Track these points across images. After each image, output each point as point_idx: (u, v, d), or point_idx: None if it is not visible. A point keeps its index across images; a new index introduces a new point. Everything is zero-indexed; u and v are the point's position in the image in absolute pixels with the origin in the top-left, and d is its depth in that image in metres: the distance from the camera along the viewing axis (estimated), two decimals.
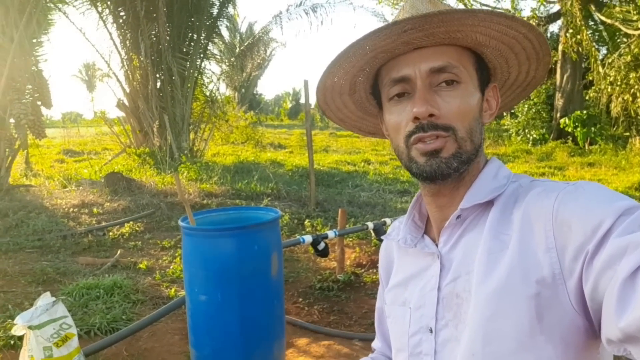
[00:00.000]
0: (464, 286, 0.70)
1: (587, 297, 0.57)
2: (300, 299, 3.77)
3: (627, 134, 14.79)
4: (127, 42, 10.70)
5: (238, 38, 26.06)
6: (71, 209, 6.47)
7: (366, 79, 0.81)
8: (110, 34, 10.66)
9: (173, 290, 3.84)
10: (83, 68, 56.88)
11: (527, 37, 0.72)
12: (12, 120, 7.73)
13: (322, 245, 3.53)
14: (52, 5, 9.25)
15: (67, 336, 2.22)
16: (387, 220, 3.92)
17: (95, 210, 6.42)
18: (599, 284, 0.54)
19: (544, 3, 15.63)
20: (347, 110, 0.88)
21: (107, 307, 3.41)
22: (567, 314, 0.60)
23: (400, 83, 0.73)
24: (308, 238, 3.47)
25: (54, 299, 2.25)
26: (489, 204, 0.72)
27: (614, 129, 15.15)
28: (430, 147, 0.70)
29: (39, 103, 7.84)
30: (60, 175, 8.83)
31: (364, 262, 4.53)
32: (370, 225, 3.77)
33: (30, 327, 2.09)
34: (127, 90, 10.95)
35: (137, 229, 5.70)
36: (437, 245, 0.78)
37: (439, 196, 0.78)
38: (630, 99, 13.16)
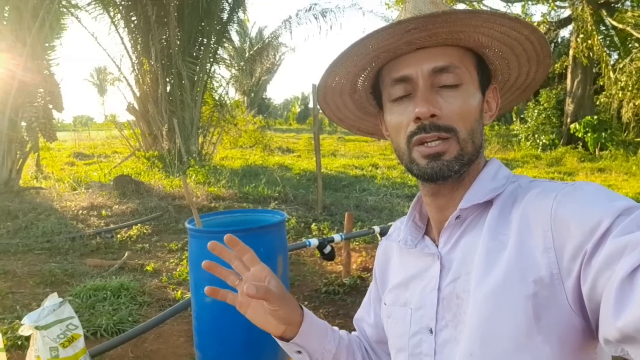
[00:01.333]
0: (464, 287, 0.70)
1: (585, 297, 0.57)
2: (306, 303, 3.77)
3: (638, 139, 14.64)
4: (138, 46, 10.81)
5: (248, 43, 26.22)
6: (80, 211, 6.53)
7: (367, 79, 0.81)
8: (121, 38, 10.79)
9: (179, 292, 3.85)
10: (94, 72, 57.61)
11: (529, 39, 0.72)
12: (23, 123, 7.84)
13: (328, 249, 3.53)
14: (65, 10, 9.39)
15: (74, 337, 2.24)
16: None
17: (103, 212, 6.47)
18: (597, 284, 0.54)
19: (555, 8, 15.56)
20: (346, 109, 0.89)
21: (114, 309, 3.43)
22: (564, 314, 0.60)
23: (402, 83, 0.72)
24: (314, 241, 3.47)
25: (61, 299, 2.27)
26: (488, 204, 0.72)
27: (625, 134, 15.02)
28: (432, 150, 0.70)
29: (51, 106, 7.93)
30: (70, 178, 8.92)
31: (370, 266, 4.51)
32: (377, 229, 3.77)
33: (37, 328, 2.10)
34: (137, 94, 11.05)
35: (145, 231, 5.74)
36: (437, 246, 0.78)
37: (438, 197, 0.78)
38: None
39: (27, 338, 2.34)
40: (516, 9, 16.66)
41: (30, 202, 7.04)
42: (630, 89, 13.10)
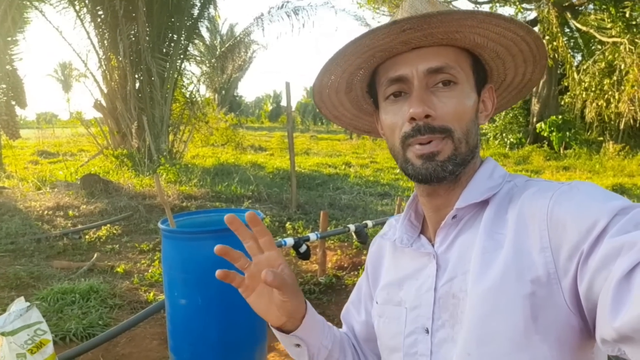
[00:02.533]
0: (460, 286, 0.70)
1: (582, 297, 0.57)
2: None
3: (601, 138, 15.19)
4: (105, 41, 10.52)
5: (219, 39, 25.92)
6: (46, 212, 6.31)
7: (363, 78, 0.80)
8: (87, 33, 10.46)
9: (152, 294, 3.77)
10: (59, 67, 55.81)
11: (525, 40, 0.72)
12: None
13: (303, 248, 3.52)
14: (28, 3, 9.05)
15: (42, 342, 2.16)
16: (369, 222, 3.93)
17: (70, 212, 6.27)
18: (594, 283, 0.54)
19: (522, 10, 15.93)
20: (342, 108, 0.88)
21: (83, 312, 3.33)
22: (562, 313, 0.60)
23: (397, 83, 0.72)
24: (290, 241, 3.45)
25: (28, 304, 2.18)
26: (485, 203, 0.72)
27: (588, 133, 15.55)
28: (426, 150, 0.70)
29: (13, 103, 7.66)
30: (34, 177, 8.62)
31: (345, 265, 4.53)
32: (352, 227, 3.77)
33: (3, 334, 2.02)
34: (105, 91, 10.75)
35: (115, 231, 5.59)
36: (433, 245, 0.77)
37: (434, 197, 0.78)
38: (604, 104, 13.51)
39: None
40: (484, 10, 16.97)
41: None
42: (593, 89, 13.58)
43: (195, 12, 11.38)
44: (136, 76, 10.60)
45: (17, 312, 2.11)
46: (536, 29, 16.09)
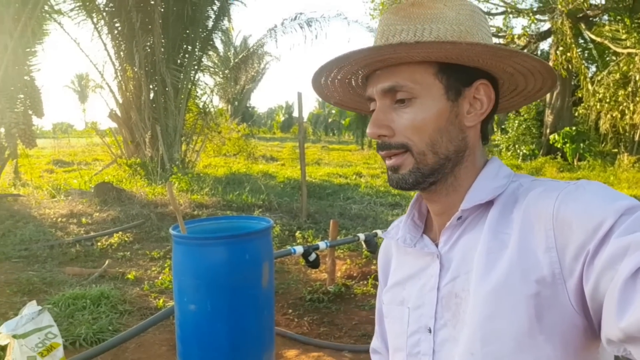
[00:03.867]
0: (463, 286, 0.70)
1: (588, 297, 0.57)
2: (290, 310, 3.74)
3: (616, 150, 15.00)
4: (122, 53, 10.70)
5: (232, 51, 26.19)
6: (59, 219, 6.40)
7: (358, 81, 0.84)
8: (104, 44, 10.66)
9: (161, 300, 3.79)
10: (75, 79, 56.88)
11: (482, 53, 0.70)
12: (2, 129, 7.68)
13: (313, 257, 3.52)
14: (47, 15, 9.26)
15: (52, 346, 2.18)
16: (379, 231, 3.92)
17: (83, 220, 6.35)
18: (600, 284, 0.54)
19: (535, 21, 15.91)
20: (347, 97, 0.89)
21: (94, 318, 3.36)
22: (566, 313, 0.60)
23: (370, 101, 0.77)
24: (299, 249, 3.46)
25: (39, 308, 2.21)
26: (489, 203, 0.72)
27: (603, 145, 15.37)
28: (389, 163, 0.75)
29: (31, 112, 7.80)
30: (49, 185, 8.75)
31: (354, 274, 4.51)
32: (362, 236, 3.77)
33: (14, 336, 2.05)
34: (120, 101, 10.92)
35: (126, 239, 5.65)
36: (436, 245, 0.77)
37: (432, 202, 0.79)
38: (619, 115, 13.37)
39: (4, 347, 2.27)
40: (497, 21, 17.00)
41: (7, 210, 6.89)
42: (607, 100, 13.44)
43: (210, 24, 11.54)
44: (151, 87, 10.75)
45: (29, 315, 2.14)
46: (550, 40, 16.03)
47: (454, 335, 0.70)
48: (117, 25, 10.49)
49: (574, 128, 14.70)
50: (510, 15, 16.31)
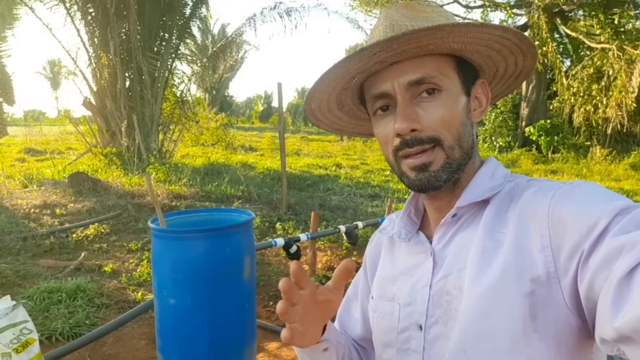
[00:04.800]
0: (455, 283, 0.70)
1: (582, 297, 0.57)
2: (272, 303, 3.74)
3: (588, 143, 15.36)
4: (96, 39, 10.43)
5: (210, 39, 25.80)
6: (32, 210, 6.23)
7: (352, 94, 0.81)
8: (78, 30, 10.36)
9: (140, 294, 3.74)
10: (47, 65, 55.27)
11: (504, 37, 0.72)
12: None
13: (294, 249, 3.52)
14: None
15: (28, 341, 2.13)
16: (359, 223, 3.93)
17: (58, 211, 6.20)
18: (594, 283, 0.54)
19: (512, 15, 16.09)
20: (341, 121, 0.89)
21: (70, 312, 3.29)
22: (561, 313, 0.61)
23: (382, 98, 0.73)
24: (280, 241, 3.44)
25: (14, 302, 2.15)
26: (485, 202, 0.72)
27: (576, 138, 15.72)
28: (418, 161, 0.71)
29: (1, 100, 7.55)
30: (21, 175, 8.51)
31: (335, 265, 4.53)
32: (343, 228, 3.78)
33: None
34: (95, 89, 10.65)
35: (103, 230, 5.54)
36: (431, 242, 0.78)
37: (436, 199, 0.78)
38: (592, 109, 13.68)
39: None
40: (476, 14, 17.13)
41: None
42: (581, 94, 13.73)
43: (187, 11, 11.34)
44: (126, 74, 10.52)
45: (3, 311, 2.08)
46: (526, 34, 16.24)
47: (444, 332, 0.70)
48: (90, 10, 10.20)
49: (548, 121, 14.98)
50: (489, 9, 16.45)
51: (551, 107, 15.48)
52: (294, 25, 11.82)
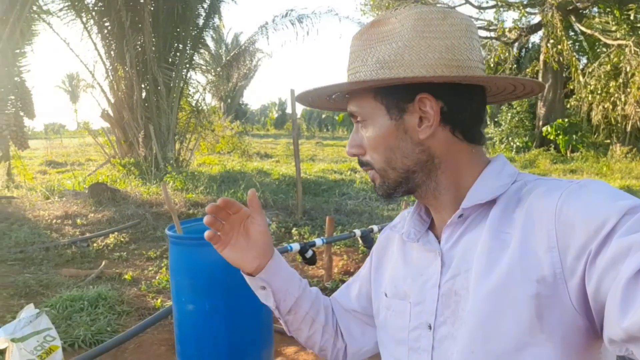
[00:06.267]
0: (462, 284, 0.71)
1: (590, 297, 0.57)
2: None
3: (608, 141, 15.11)
4: (112, 52, 10.62)
5: (224, 48, 26.05)
6: (54, 221, 6.37)
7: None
8: (94, 44, 10.57)
9: (159, 300, 3.80)
10: (66, 79, 56.37)
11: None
12: None
13: (309, 253, 3.52)
14: (36, 15, 9.17)
15: (51, 348, 2.18)
16: (375, 227, 3.93)
17: (78, 221, 6.33)
18: (602, 283, 0.54)
19: (526, 14, 15.95)
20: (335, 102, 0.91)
21: (92, 319, 3.36)
22: (567, 313, 0.60)
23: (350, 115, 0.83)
24: (296, 246, 3.46)
25: (37, 310, 2.20)
26: (492, 202, 0.72)
27: (595, 136, 15.47)
28: (369, 177, 0.82)
29: (22, 114, 7.75)
30: (42, 187, 8.70)
31: (351, 270, 4.53)
32: (358, 232, 3.78)
33: (13, 340, 2.04)
34: (112, 101, 10.85)
35: (122, 239, 5.63)
36: (439, 242, 0.78)
37: (425, 202, 0.82)
38: (610, 107, 13.46)
39: (2, 351, 2.27)
40: (489, 15, 17.02)
41: (1, 212, 6.84)
42: (599, 92, 13.53)
43: (201, 22, 11.48)
44: (143, 86, 10.69)
45: (27, 318, 2.13)
46: (540, 32, 16.08)
47: (452, 332, 0.71)
48: (106, 24, 10.40)
49: (566, 120, 14.78)
50: (501, 9, 16.34)
51: (568, 106, 15.25)
52: (305, 32, 11.90)
